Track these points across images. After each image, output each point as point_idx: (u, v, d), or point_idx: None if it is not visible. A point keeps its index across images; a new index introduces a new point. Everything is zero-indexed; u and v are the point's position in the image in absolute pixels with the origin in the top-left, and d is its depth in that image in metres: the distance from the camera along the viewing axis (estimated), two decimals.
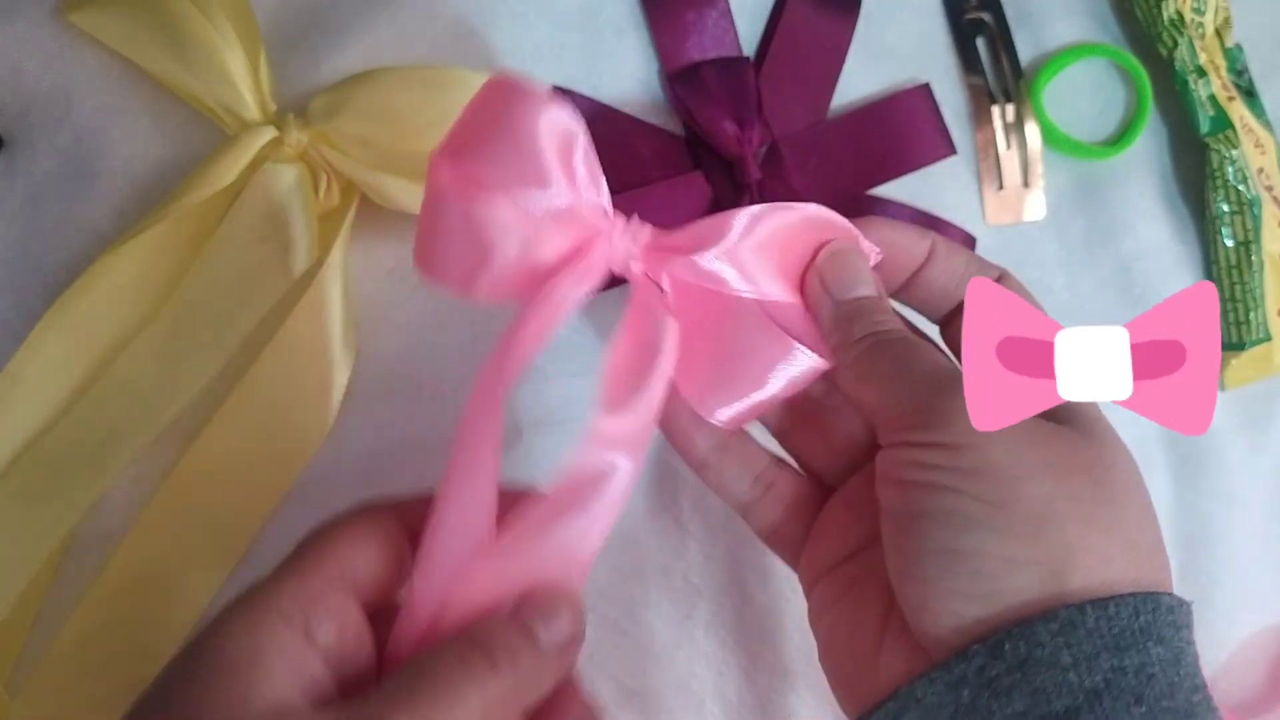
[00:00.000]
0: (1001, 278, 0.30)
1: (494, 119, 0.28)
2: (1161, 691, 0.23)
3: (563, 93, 0.43)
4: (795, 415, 0.34)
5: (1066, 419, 0.27)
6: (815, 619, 0.31)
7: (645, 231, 0.29)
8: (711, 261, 0.28)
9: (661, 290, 0.30)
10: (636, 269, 0.29)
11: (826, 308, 0.29)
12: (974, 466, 0.25)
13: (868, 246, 0.30)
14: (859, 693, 0.28)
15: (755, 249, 0.29)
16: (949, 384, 0.26)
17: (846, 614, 0.29)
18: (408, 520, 0.28)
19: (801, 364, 0.30)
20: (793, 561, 0.33)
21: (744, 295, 0.29)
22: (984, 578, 0.24)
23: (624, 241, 0.29)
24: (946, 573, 0.25)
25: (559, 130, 0.28)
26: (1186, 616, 0.26)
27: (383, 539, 0.27)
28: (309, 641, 0.24)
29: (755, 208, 0.29)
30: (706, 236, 0.29)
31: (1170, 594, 0.25)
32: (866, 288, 0.29)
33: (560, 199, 0.27)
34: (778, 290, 0.29)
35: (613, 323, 0.43)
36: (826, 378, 0.31)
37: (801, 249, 0.30)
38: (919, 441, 0.26)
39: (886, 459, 0.27)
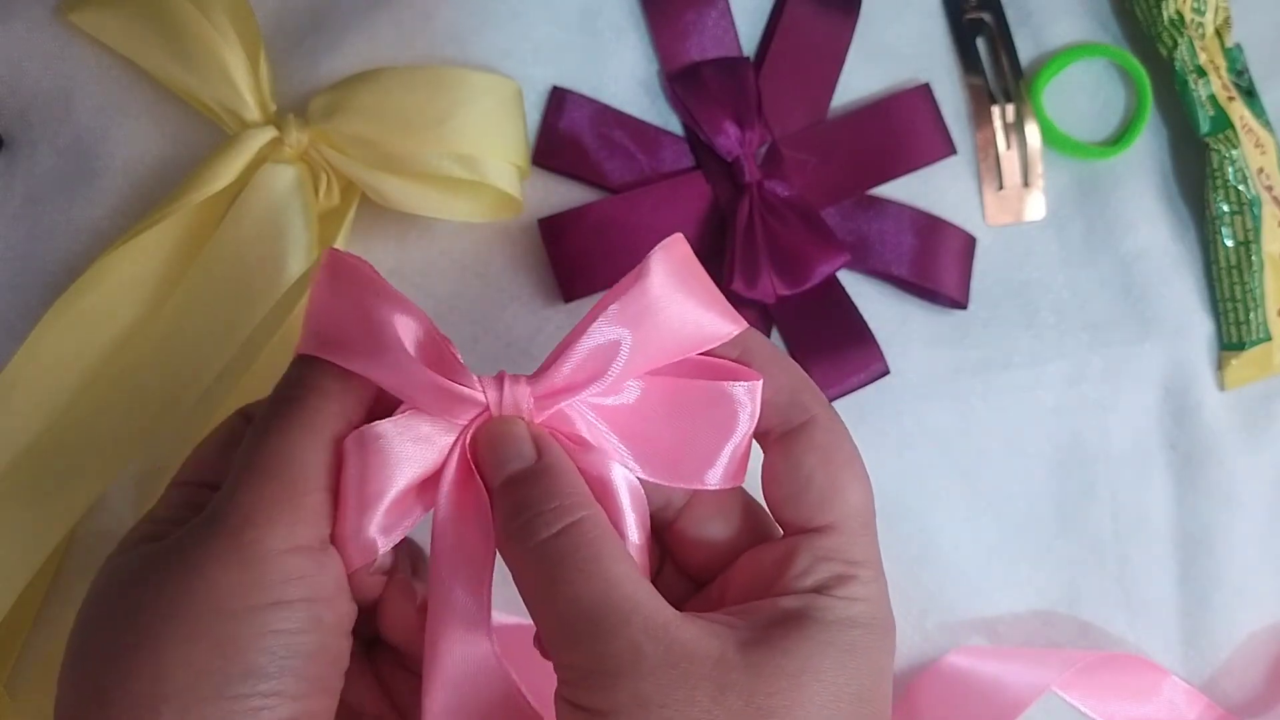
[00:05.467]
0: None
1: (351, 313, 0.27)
2: None
3: (563, 92, 0.43)
4: None
5: (756, 640, 0.24)
6: None
7: (523, 387, 0.27)
8: (602, 400, 0.27)
9: (567, 433, 0.28)
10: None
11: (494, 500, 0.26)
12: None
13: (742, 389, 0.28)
14: None
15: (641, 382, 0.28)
16: (605, 625, 0.23)
17: None
18: (361, 391, 0.27)
19: (749, 396, 0.28)
20: None
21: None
22: None
23: (510, 405, 0.27)
24: None
25: (392, 320, 0.26)
26: None
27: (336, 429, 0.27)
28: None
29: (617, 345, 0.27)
30: (588, 372, 0.27)
31: None
32: (517, 462, 0.26)
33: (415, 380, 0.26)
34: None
35: None
36: None
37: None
38: (574, 701, 0.24)
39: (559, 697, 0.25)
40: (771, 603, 0.26)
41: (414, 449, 0.26)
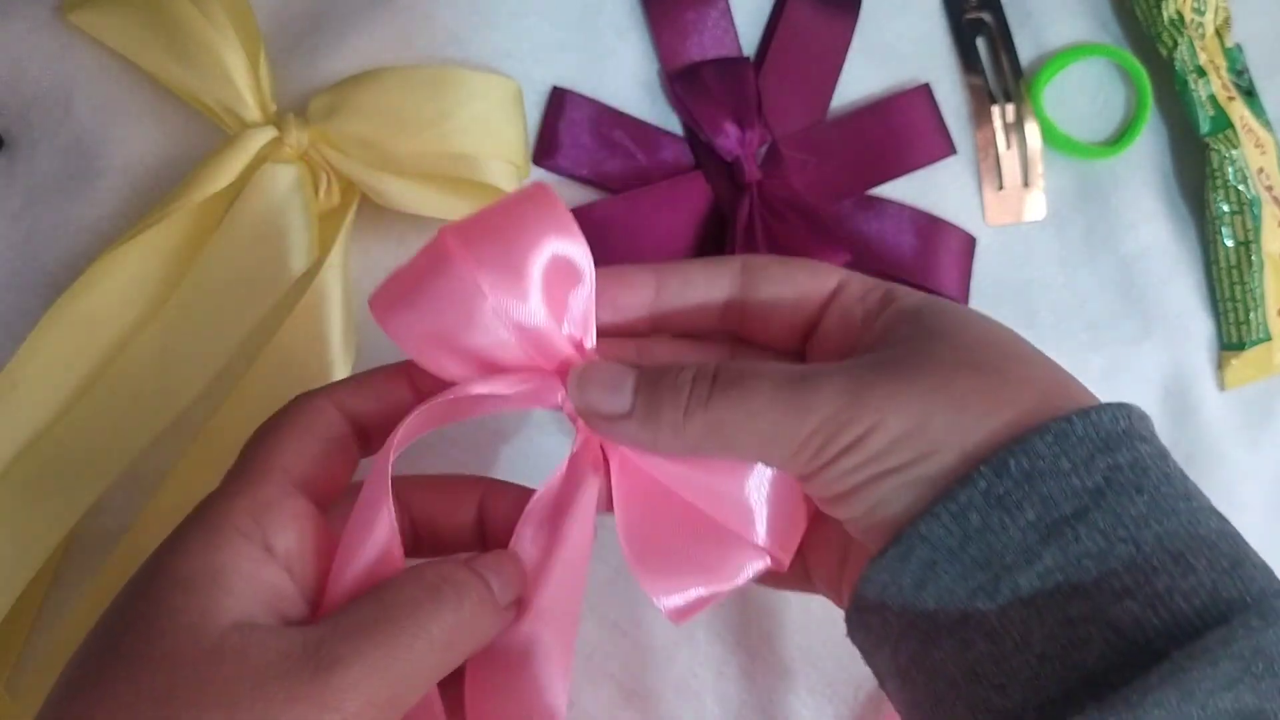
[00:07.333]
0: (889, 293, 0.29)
1: (508, 222, 0.27)
2: (1159, 480, 0.24)
3: (563, 92, 0.43)
4: None
5: (912, 331, 0.27)
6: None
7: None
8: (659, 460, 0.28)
9: (604, 451, 0.28)
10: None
11: (627, 428, 0.27)
12: (884, 445, 0.25)
13: None
14: None
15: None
16: (808, 387, 0.25)
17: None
18: (346, 405, 0.28)
19: (759, 565, 0.28)
20: (816, 588, 0.32)
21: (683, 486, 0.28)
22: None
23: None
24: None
25: (561, 260, 0.27)
26: (1152, 424, 0.27)
27: (324, 431, 0.27)
28: (268, 554, 0.25)
29: None
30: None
31: (1135, 405, 0.26)
32: (631, 374, 0.27)
33: (529, 318, 0.26)
34: (724, 493, 0.28)
35: None
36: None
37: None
38: (829, 459, 0.25)
39: (814, 486, 0.27)
40: (871, 333, 0.28)
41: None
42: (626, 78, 0.44)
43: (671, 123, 0.44)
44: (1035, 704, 0.23)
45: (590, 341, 0.28)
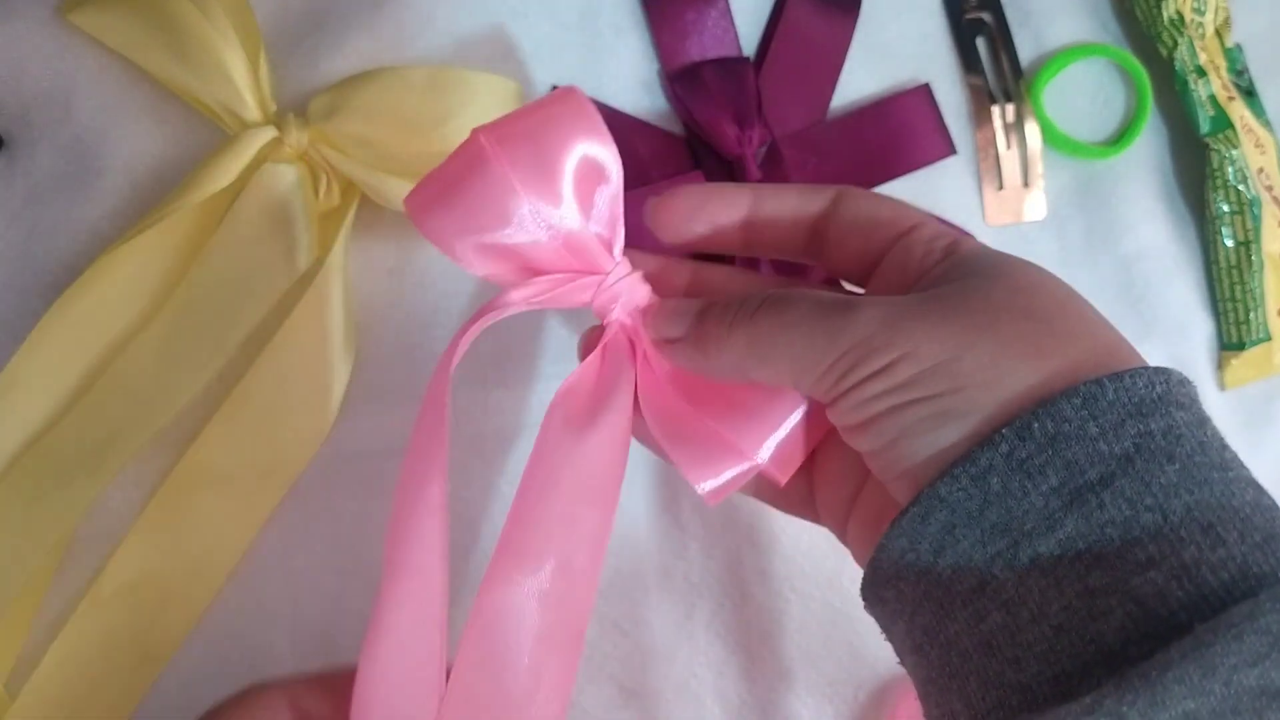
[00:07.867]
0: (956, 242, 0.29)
1: (540, 125, 0.28)
2: (1192, 449, 0.23)
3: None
4: None
5: (964, 274, 0.27)
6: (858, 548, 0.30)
7: (642, 292, 0.30)
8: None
9: (633, 345, 0.30)
10: (615, 317, 0.30)
11: (682, 349, 0.29)
12: (913, 374, 0.25)
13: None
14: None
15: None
16: (845, 311, 0.26)
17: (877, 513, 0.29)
18: (301, 703, 0.27)
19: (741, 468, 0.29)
20: (812, 512, 0.32)
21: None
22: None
23: (616, 289, 0.29)
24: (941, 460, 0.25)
25: (590, 161, 0.28)
26: (1195, 391, 0.25)
27: None
28: None
29: None
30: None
31: (1176, 370, 0.25)
32: (695, 306, 0.29)
33: (565, 222, 0.28)
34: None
35: None
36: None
37: None
38: (855, 383, 0.25)
39: (837, 412, 0.26)
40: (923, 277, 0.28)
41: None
42: (626, 78, 0.44)
43: (671, 123, 0.44)
44: (1050, 678, 0.22)
45: (619, 245, 0.29)
